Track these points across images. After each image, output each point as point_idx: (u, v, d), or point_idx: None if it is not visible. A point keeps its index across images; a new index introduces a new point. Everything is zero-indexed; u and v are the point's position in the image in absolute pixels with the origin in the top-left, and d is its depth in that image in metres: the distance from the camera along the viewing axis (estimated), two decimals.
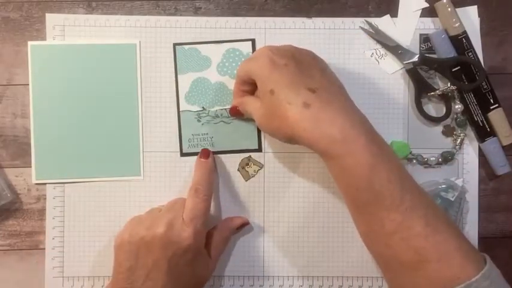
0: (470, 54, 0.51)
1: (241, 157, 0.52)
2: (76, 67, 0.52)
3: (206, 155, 0.50)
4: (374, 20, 0.52)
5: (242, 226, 0.51)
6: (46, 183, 0.52)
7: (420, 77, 0.51)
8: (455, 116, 0.52)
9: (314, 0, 0.52)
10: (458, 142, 0.52)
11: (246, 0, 0.53)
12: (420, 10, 0.52)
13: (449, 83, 0.51)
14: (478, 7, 0.52)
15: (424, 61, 0.51)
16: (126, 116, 0.52)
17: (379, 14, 0.52)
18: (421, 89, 0.51)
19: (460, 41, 0.51)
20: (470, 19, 0.52)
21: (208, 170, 0.50)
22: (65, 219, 0.52)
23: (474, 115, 0.51)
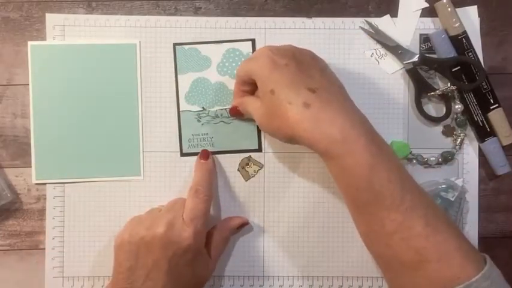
0: (470, 54, 0.51)
1: (241, 157, 0.52)
2: (76, 67, 0.52)
3: (206, 156, 0.50)
4: (374, 20, 0.52)
5: (242, 226, 0.51)
6: (46, 183, 0.52)
7: (420, 77, 0.51)
8: (455, 116, 0.52)
9: (314, 0, 0.52)
10: (458, 142, 0.52)
11: (246, 0, 0.52)
12: (420, 10, 0.52)
13: (449, 83, 0.51)
14: (478, 7, 0.52)
15: (424, 61, 0.51)
16: (126, 116, 0.52)
17: (379, 14, 0.52)
18: (421, 89, 0.51)
19: (460, 41, 0.51)
20: (470, 19, 0.52)
21: (208, 171, 0.50)
22: (65, 219, 0.52)
23: (474, 115, 0.51)
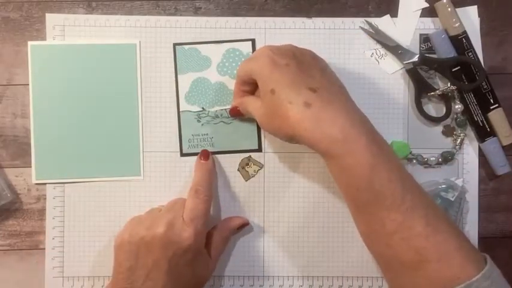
0: (470, 54, 0.51)
1: (241, 157, 0.52)
2: (76, 67, 0.52)
3: (206, 156, 0.50)
4: (374, 20, 0.52)
5: (242, 226, 0.51)
6: (46, 183, 0.52)
7: (420, 77, 0.51)
8: (455, 116, 0.52)
9: (314, 0, 0.52)
10: (458, 142, 0.52)
11: (246, 0, 0.52)
12: (420, 10, 0.52)
13: (449, 83, 0.51)
14: (478, 7, 0.52)
15: (424, 61, 0.51)
16: (126, 116, 0.52)
17: (379, 14, 0.52)
18: (421, 89, 0.51)
19: (460, 41, 0.51)
20: (470, 19, 0.52)
21: (208, 171, 0.50)
22: (65, 219, 0.52)
23: (474, 115, 0.51)
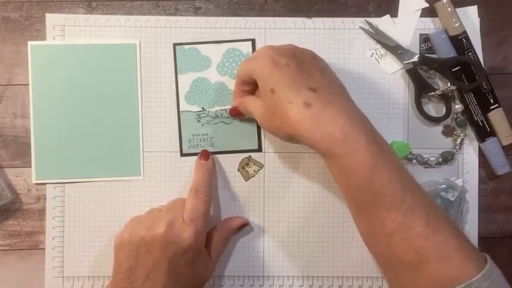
0: (470, 54, 0.51)
1: (241, 157, 0.52)
2: (76, 67, 0.52)
3: (206, 156, 0.50)
4: (374, 20, 0.52)
5: (242, 226, 0.51)
6: (46, 183, 0.52)
7: (420, 77, 0.51)
8: (455, 116, 0.52)
9: (314, 0, 0.52)
10: (458, 142, 0.52)
11: (246, 0, 0.53)
12: (420, 10, 0.52)
13: (449, 83, 0.51)
14: (478, 7, 0.52)
15: (424, 61, 0.51)
16: (126, 116, 0.52)
17: (379, 14, 0.52)
18: (421, 89, 0.51)
19: (460, 41, 0.51)
20: (470, 19, 0.52)
21: (208, 171, 0.50)
22: (65, 219, 0.52)
23: (474, 115, 0.51)
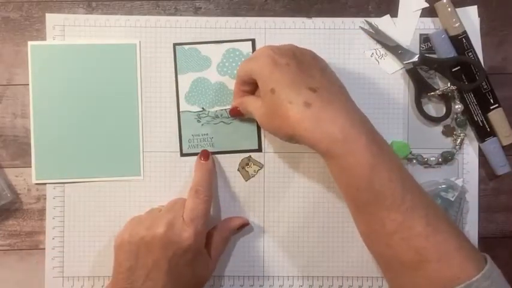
0: (470, 54, 0.51)
1: (241, 157, 0.52)
2: (76, 67, 0.52)
3: (206, 156, 0.50)
4: (374, 20, 0.52)
5: (242, 226, 0.51)
6: (46, 183, 0.52)
7: (420, 77, 0.51)
8: (455, 116, 0.52)
9: (314, 0, 0.52)
10: (458, 142, 0.52)
11: (246, 0, 0.53)
12: (420, 10, 0.52)
13: (449, 83, 0.51)
14: (478, 7, 0.52)
15: (424, 61, 0.51)
16: (126, 116, 0.52)
17: (379, 14, 0.52)
18: (421, 89, 0.51)
19: (460, 41, 0.51)
20: (470, 19, 0.52)
21: (208, 171, 0.50)
22: (65, 219, 0.52)
23: (474, 115, 0.51)
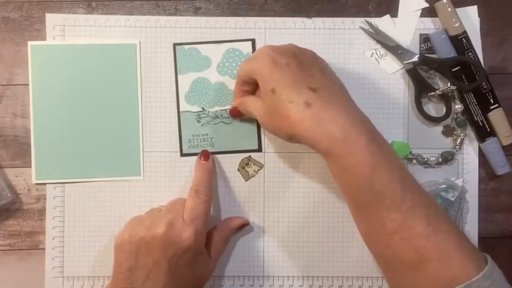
0: (470, 54, 0.51)
1: (241, 157, 0.52)
2: (76, 67, 0.52)
3: (206, 156, 0.50)
4: (374, 20, 0.52)
5: (242, 226, 0.51)
6: (46, 183, 0.52)
7: (420, 77, 0.51)
8: (455, 116, 0.52)
9: (314, 0, 0.52)
10: (458, 142, 0.52)
11: (246, 0, 0.53)
12: (420, 10, 0.52)
13: (449, 83, 0.51)
14: (478, 7, 0.52)
15: (424, 61, 0.51)
16: (126, 116, 0.52)
17: (379, 14, 0.52)
18: (421, 89, 0.51)
19: (460, 41, 0.51)
20: (470, 19, 0.52)
21: (208, 171, 0.50)
22: (65, 219, 0.52)
23: (474, 115, 0.51)
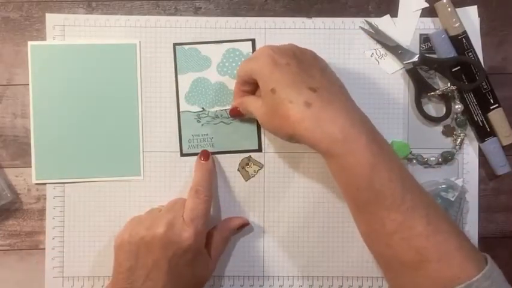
0: (470, 54, 0.51)
1: (241, 157, 0.52)
2: (76, 67, 0.52)
3: (206, 156, 0.50)
4: (374, 20, 0.52)
5: (242, 226, 0.51)
6: (46, 183, 0.52)
7: (420, 77, 0.51)
8: (455, 116, 0.52)
9: (314, 0, 0.52)
10: (458, 142, 0.52)
11: (246, 0, 0.53)
12: (420, 10, 0.52)
13: (449, 83, 0.51)
14: (478, 7, 0.52)
15: (424, 61, 0.51)
16: (126, 116, 0.52)
17: (379, 14, 0.52)
18: (421, 89, 0.51)
19: (460, 41, 0.51)
20: (470, 19, 0.52)
21: (208, 171, 0.50)
22: (65, 219, 0.52)
23: (474, 115, 0.51)
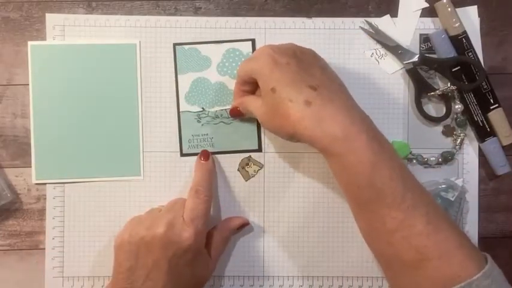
0: (470, 54, 0.51)
1: (241, 157, 0.52)
2: (76, 67, 0.52)
3: (206, 156, 0.50)
4: (374, 20, 0.52)
5: (242, 226, 0.51)
6: (46, 183, 0.52)
7: (420, 77, 0.51)
8: (455, 116, 0.52)
9: (314, 0, 0.52)
10: (458, 142, 0.52)
11: (246, 0, 0.53)
12: (420, 10, 0.52)
13: (449, 83, 0.51)
14: (478, 7, 0.52)
15: (424, 61, 0.51)
16: (126, 116, 0.52)
17: (379, 14, 0.52)
18: (421, 89, 0.51)
19: (460, 41, 0.51)
20: (470, 19, 0.52)
21: (208, 171, 0.50)
22: (65, 219, 0.52)
23: (474, 115, 0.51)
